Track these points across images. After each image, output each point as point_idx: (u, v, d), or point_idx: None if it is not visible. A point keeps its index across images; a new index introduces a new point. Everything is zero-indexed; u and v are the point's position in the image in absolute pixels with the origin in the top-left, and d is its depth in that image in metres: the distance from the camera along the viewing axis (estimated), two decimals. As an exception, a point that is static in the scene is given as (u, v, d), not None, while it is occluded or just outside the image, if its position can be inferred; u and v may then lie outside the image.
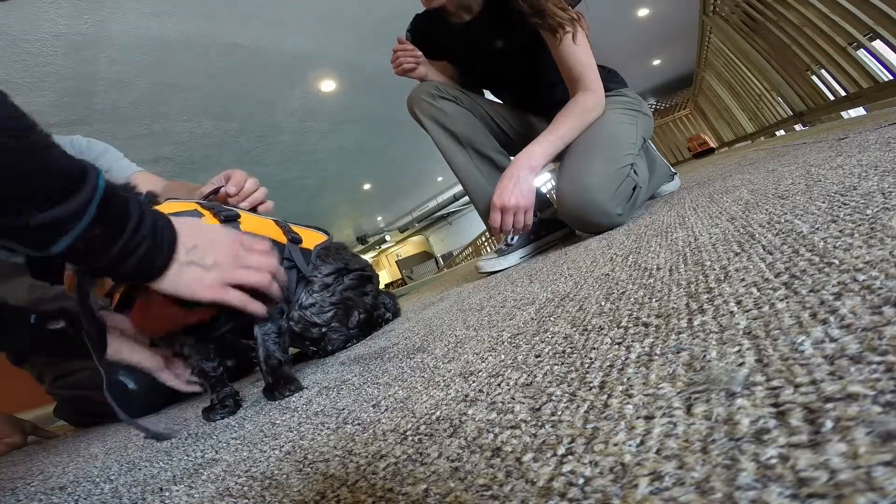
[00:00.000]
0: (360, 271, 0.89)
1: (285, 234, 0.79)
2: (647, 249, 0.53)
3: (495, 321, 0.49)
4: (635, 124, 1.04)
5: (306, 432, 0.37)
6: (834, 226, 0.32)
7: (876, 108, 1.97)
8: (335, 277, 0.84)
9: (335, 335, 0.82)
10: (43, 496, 0.51)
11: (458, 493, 0.19)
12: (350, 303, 0.85)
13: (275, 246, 0.73)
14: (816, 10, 1.92)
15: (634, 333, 0.28)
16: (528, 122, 1.21)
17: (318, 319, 0.80)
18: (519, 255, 1.07)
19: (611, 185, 0.91)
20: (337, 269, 0.84)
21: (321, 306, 0.80)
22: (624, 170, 0.94)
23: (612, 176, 0.92)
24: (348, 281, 0.86)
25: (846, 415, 0.13)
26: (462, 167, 1.10)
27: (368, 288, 0.91)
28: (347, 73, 4.39)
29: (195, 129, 4.30)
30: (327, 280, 0.82)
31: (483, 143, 1.09)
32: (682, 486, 0.14)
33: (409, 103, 1.12)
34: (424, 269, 13.74)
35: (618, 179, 0.92)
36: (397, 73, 1.15)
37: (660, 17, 5.41)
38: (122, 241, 0.43)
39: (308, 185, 6.94)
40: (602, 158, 0.93)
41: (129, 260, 0.43)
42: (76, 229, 0.39)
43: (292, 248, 0.78)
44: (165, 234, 0.47)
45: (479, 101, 1.14)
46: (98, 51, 2.93)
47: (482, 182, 1.09)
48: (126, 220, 0.43)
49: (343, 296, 0.84)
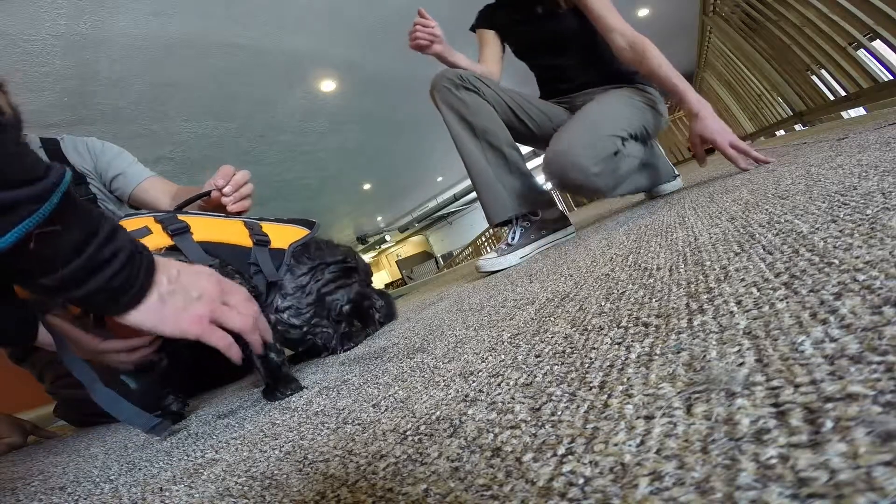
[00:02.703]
0: (341, 263, 0.84)
1: (251, 237, 0.75)
2: (647, 249, 0.53)
3: (495, 321, 0.49)
4: (640, 111, 1.13)
5: (306, 432, 0.37)
6: (834, 226, 0.32)
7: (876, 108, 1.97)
8: (311, 276, 0.80)
9: (321, 330, 0.79)
10: (43, 496, 0.51)
11: (458, 493, 0.19)
12: (330, 297, 0.81)
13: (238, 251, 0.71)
14: (816, 10, 1.92)
15: (634, 333, 0.28)
16: (552, 114, 1.24)
17: (296, 321, 0.77)
18: (519, 254, 1.07)
19: (591, 146, 1.01)
20: (312, 266, 0.80)
21: (297, 308, 0.77)
22: (609, 137, 1.03)
23: (595, 139, 1.02)
24: (328, 275, 0.82)
25: (846, 415, 0.13)
26: (472, 156, 1.12)
27: (353, 278, 0.86)
28: (347, 73, 4.39)
29: (195, 129, 4.30)
30: (302, 280, 0.79)
31: (497, 137, 1.11)
32: (682, 486, 0.14)
33: (431, 89, 1.14)
34: (424, 269, 13.74)
35: (599, 142, 1.02)
36: (411, 48, 1.16)
37: (660, 17, 5.41)
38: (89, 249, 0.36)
39: (308, 185, 6.94)
40: (591, 125, 1.05)
41: (96, 276, 0.37)
42: (32, 217, 0.32)
43: (258, 251, 0.75)
44: (144, 254, 0.41)
45: (502, 95, 1.16)
46: (98, 51, 2.93)
47: (489, 172, 1.11)
48: (95, 225, 0.37)
49: (321, 292, 0.80)
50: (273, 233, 0.79)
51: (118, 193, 1.08)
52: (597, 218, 1.55)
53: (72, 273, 0.36)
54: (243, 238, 0.74)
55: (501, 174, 1.10)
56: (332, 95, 4.73)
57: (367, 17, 3.59)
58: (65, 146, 1.05)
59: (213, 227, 0.72)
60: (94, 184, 1.06)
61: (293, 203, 7.33)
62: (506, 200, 1.09)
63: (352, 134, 5.78)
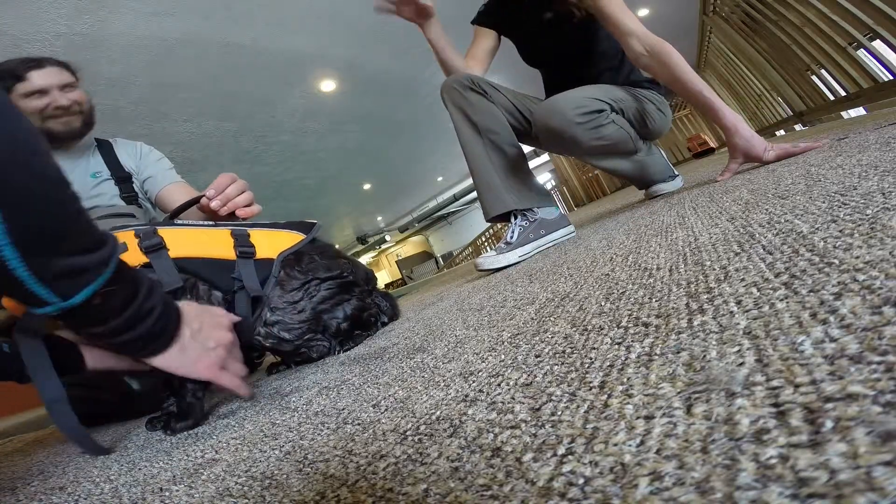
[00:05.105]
0: (337, 278, 0.79)
1: (235, 248, 0.72)
2: (647, 249, 0.53)
3: (495, 321, 0.49)
4: (639, 100, 1.16)
5: (306, 432, 0.37)
6: (834, 226, 0.32)
7: (876, 108, 1.97)
8: (304, 291, 0.75)
9: (316, 344, 0.76)
10: (43, 496, 0.51)
11: (458, 493, 0.19)
12: (327, 315, 0.77)
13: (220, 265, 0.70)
14: (816, 10, 1.92)
15: (634, 333, 0.28)
16: None
17: (287, 336, 0.74)
18: (518, 253, 1.07)
19: (575, 100, 1.06)
20: (305, 281, 0.76)
21: (287, 323, 0.74)
22: (595, 100, 1.06)
23: (582, 96, 1.06)
24: (323, 292, 0.77)
25: (846, 415, 0.13)
26: (474, 152, 1.14)
27: (351, 292, 0.81)
28: (347, 73, 4.39)
29: (195, 129, 4.31)
30: (293, 296, 0.74)
31: (500, 136, 1.13)
32: (682, 486, 0.14)
33: (442, 89, 1.17)
34: (424, 269, 13.75)
35: (585, 100, 1.06)
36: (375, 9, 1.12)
37: (660, 17, 5.42)
38: (136, 302, 0.43)
39: (308, 185, 6.95)
40: (580, 90, 1.09)
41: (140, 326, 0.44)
42: (98, 280, 0.40)
43: (242, 263, 0.71)
44: (172, 307, 0.48)
45: (510, 98, 1.18)
46: (98, 51, 2.93)
47: (489, 169, 1.12)
48: (139, 283, 0.45)
49: (318, 310, 0.76)
50: (263, 240, 0.76)
51: (148, 195, 1.16)
52: (597, 218, 1.55)
53: (118, 324, 0.43)
54: (227, 250, 0.71)
55: (501, 171, 1.11)
56: (331, 95, 4.74)
57: (367, 17, 3.59)
58: (117, 148, 1.15)
59: (195, 241, 0.70)
60: (137, 183, 1.15)
61: (293, 203, 7.33)
62: (503, 195, 1.10)
63: (352, 134, 5.78)
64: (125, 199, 1.10)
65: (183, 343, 0.49)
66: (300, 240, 0.80)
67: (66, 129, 1.04)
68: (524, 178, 1.13)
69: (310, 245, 0.82)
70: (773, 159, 0.89)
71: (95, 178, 1.09)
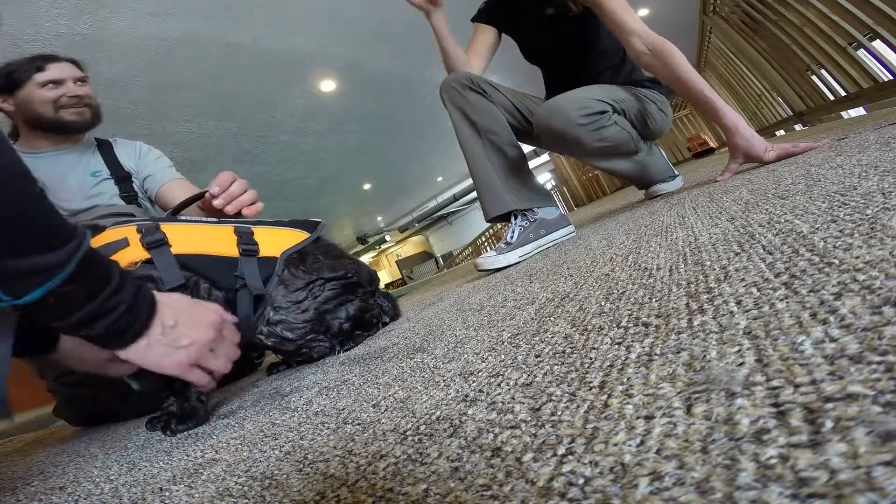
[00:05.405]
0: (342, 279, 0.79)
1: (238, 246, 0.72)
2: (647, 249, 0.53)
3: (495, 321, 0.49)
4: (641, 100, 1.15)
5: (306, 432, 0.37)
6: (834, 226, 0.32)
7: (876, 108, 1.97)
8: (308, 291, 0.75)
9: (318, 345, 0.76)
10: (43, 496, 0.51)
11: (458, 493, 0.19)
12: (330, 315, 0.77)
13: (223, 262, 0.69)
14: (816, 10, 1.92)
15: (634, 333, 0.28)
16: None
17: (290, 335, 0.73)
18: (518, 253, 1.07)
19: (578, 101, 1.06)
20: (309, 281, 0.75)
21: (290, 323, 0.73)
22: (598, 101, 1.06)
23: (584, 97, 1.06)
24: (327, 292, 0.76)
25: (846, 415, 0.13)
26: (473, 152, 1.14)
27: (355, 293, 0.81)
28: (347, 73, 4.39)
29: (195, 129, 4.31)
30: (297, 296, 0.74)
31: (499, 136, 1.13)
32: (682, 486, 0.14)
33: (441, 88, 1.17)
34: (424, 269, 13.75)
35: (588, 101, 1.06)
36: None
37: (660, 17, 5.42)
38: (99, 300, 0.43)
39: (308, 185, 6.95)
40: (582, 91, 1.10)
41: (99, 323, 0.44)
42: (53, 280, 0.39)
43: (245, 261, 0.71)
44: (144, 306, 0.48)
45: (510, 97, 1.18)
46: (98, 51, 2.93)
47: (489, 169, 1.12)
48: (106, 280, 0.45)
49: (321, 310, 0.75)
50: (267, 238, 0.76)
51: (148, 194, 1.17)
52: (597, 218, 1.55)
53: (79, 318, 0.43)
54: (230, 248, 0.71)
55: (501, 171, 1.11)
56: (331, 95, 4.74)
57: (367, 17, 3.59)
58: (117, 148, 1.17)
59: (198, 237, 0.69)
60: (136, 182, 1.16)
61: (293, 203, 7.34)
62: (503, 196, 1.10)
63: (352, 134, 5.78)
64: (125, 199, 1.10)
65: (150, 339, 0.49)
66: (304, 238, 0.80)
67: (79, 119, 1.08)
68: (524, 178, 1.13)
69: (314, 244, 0.81)
70: (774, 159, 0.88)
71: (95, 177, 1.10)
